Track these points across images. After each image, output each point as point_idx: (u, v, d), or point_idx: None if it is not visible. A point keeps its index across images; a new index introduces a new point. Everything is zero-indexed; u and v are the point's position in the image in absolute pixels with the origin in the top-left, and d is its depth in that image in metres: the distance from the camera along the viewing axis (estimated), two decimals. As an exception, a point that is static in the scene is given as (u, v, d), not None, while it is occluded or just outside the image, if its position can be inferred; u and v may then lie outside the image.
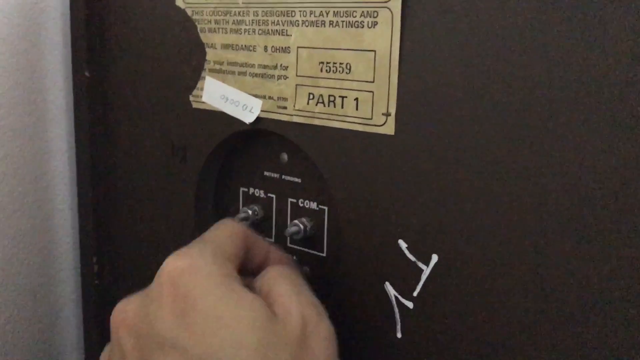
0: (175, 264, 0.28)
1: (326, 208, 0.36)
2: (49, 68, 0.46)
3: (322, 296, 0.36)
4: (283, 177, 0.37)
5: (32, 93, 0.44)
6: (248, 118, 0.36)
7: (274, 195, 0.38)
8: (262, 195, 0.39)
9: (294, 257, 0.38)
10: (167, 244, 0.42)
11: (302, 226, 0.36)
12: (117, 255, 0.46)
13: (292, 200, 0.37)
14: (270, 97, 0.35)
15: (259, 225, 0.39)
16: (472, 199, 0.28)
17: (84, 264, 0.47)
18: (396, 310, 0.32)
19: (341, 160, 0.33)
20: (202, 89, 0.38)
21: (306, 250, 0.37)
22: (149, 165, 0.42)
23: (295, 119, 0.34)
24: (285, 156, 0.37)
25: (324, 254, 0.36)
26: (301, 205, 0.37)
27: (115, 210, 0.46)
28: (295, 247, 0.38)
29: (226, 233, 0.31)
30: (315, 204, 0.36)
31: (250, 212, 0.38)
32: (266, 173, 0.38)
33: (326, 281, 0.36)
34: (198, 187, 0.40)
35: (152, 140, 0.42)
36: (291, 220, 0.37)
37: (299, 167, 0.37)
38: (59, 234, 0.48)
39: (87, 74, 0.44)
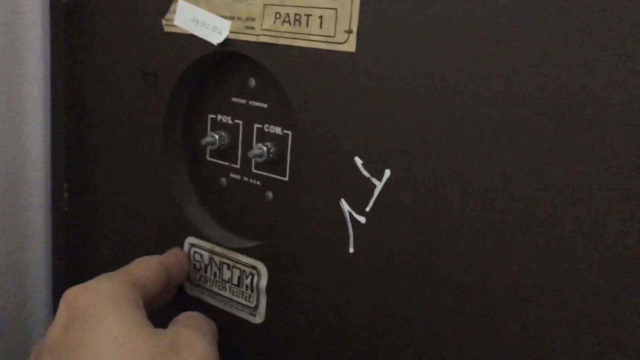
0: (74, 291, 0.31)
1: (290, 132, 0.36)
2: (27, -7, 0.46)
3: (283, 219, 0.37)
4: (250, 103, 0.38)
5: (9, 18, 0.45)
6: (217, 39, 0.36)
7: (240, 122, 0.39)
8: (230, 121, 0.39)
9: (259, 183, 0.38)
10: (137, 169, 0.43)
11: (265, 149, 0.36)
12: (87, 182, 0.47)
13: (258, 125, 0.38)
14: (239, 18, 0.35)
15: (225, 152, 0.40)
16: (426, 116, 0.29)
17: (55, 191, 0.48)
18: (349, 225, 0.32)
19: (305, 80, 0.33)
20: (174, 12, 0.38)
21: (269, 175, 0.38)
22: (120, 91, 0.43)
23: (262, 39, 0.34)
24: (252, 81, 0.38)
25: (286, 178, 0.37)
26: (266, 130, 0.37)
27: (87, 136, 0.46)
28: (259, 172, 0.38)
29: (143, 265, 0.35)
30: (279, 128, 0.37)
31: (217, 136, 0.39)
32: (234, 99, 0.39)
33: (288, 204, 0.37)
34: (167, 113, 0.40)
35: (124, 65, 0.42)
36: (256, 143, 0.38)
37: (266, 92, 0.37)
38: (31, 159, 0.48)
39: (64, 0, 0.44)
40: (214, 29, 0.36)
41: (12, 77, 0.46)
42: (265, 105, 0.37)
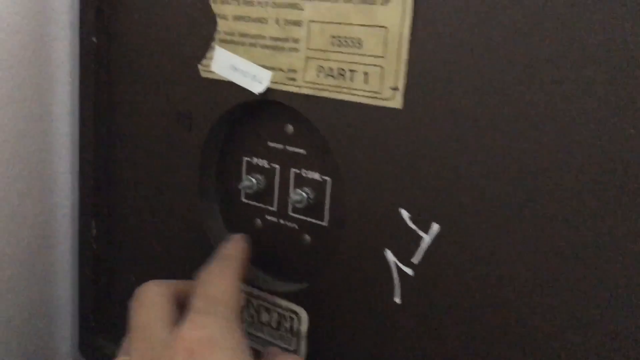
0: (192, 335, 0.29)
1: (329, 179, 0.37)
2: (56, 32, 0.46)
3: (322, 263, 0.38)
4: (287, 147, 0.39)
5: (39, 57, 0.45)
6: (257, 88, 0.37)
7: (277, 166, 0.39)
8: (266, 165, 0.40)
9: (296, 226, 0.39)
10: (169, 210, 0.43)
11: (305, 195, 0.37)
12: (116, 222, 0.47)
13: (296, 170, 0.38)
14: (279, 69, 0.36)
15: (261, 194, 0.40)
16: (475, 171, 0.30)
17: (82, 227, 0.48)
18: (395, 275, 0.33)
19: (347, 132, 0.34)
20: (211, 59, 0.39)
21: (307, 219, 0.38)
22: (153, 132, 0.43)
23: (304, 91, 0.35)
24: (290, 127, 0.38)
25: (325, 223, 0.38)
26: (304, 175, 0.38)
27: (116, 174, 0.46)
28: (296, 215, 0.39)
29: (228, 284, 0.33)
30: (318, 174, 0.37)
31: (254, 180, 0.40)
32: (270, 143, 0.39)
33: (326, 249, 0.38)
34: (202, 156, 0.41)
35: (158, 107, 0.43)
36: (293, 188, 0.39)
37: (303, 138, 0.38)
38: (59, 196, 0.48)
39: (94, 39, 0.44)
40: (253, 78, 0.37)
41: (41, 115, 0.46)
42: (303, 152, 0.38)
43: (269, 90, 0.37)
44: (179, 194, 0.43)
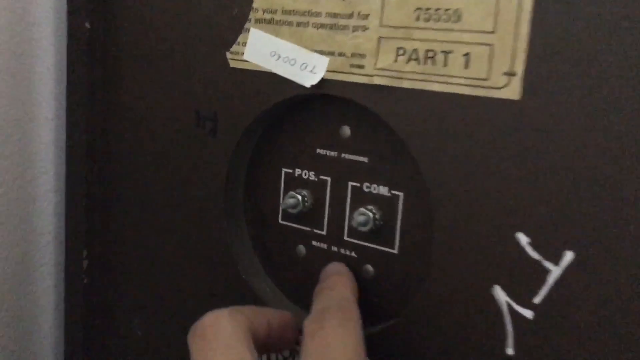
0: None
1: (401, 194, 0.29)
2: (37, 14, 0.37)
3: (391, 302, 0.30)
4: (343, 155, 0.31)
5: (14, 46, 0.36)
6: (309, 80, 0.29)
7: (328, 178, 0.31)
8: (313, 177, 0.32)
9: (354, 254, 0.31)
10: (184, 233, 0.35)
11: (370, 215, 0.29)
12: (113, 250, 0.38)
13: (354, 184, 0.30)
14: (340, 54, 0.28)
15: (305, 215, 0.32)
16: (621, 185, 0.23)
17: (70, 258, 0.39)
18: (508, 319, 0.25)
19: (438, 132, 0.26)
20: (244, 44, 0.31)
21: (370, 245, 0.30)
22: (165, 140, 0.35)
23: (376, 81, 0.27)
24: (347, 130, 0.30)
25: (395, 251, 0.30)
26: (366, 190, 0.30)
27: (116, 195, 0.37)
28: (354, 240, 0.31)
29: (353, 346, 0.24)
30: (386, 189, 0.30)
31: (299, 197, 0.31)
32: (320, 151, 0.31)
33: (397, 283, 0.30)
34: (229, 168, 0.33)
35: (171, 108, 0.34)
36: (351, 209, 0.31)
37: (365, 143, 0.30)
38: (40, 221, 0.39)
39: (87, 25, 0.36)
40: (303, 67, 0.29)
41: (18, 119, 0.37)
42: (364, 160, 0.30)
43: (323, 82, 0.29)
44: (198, 216, 0.34)
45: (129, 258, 0.38)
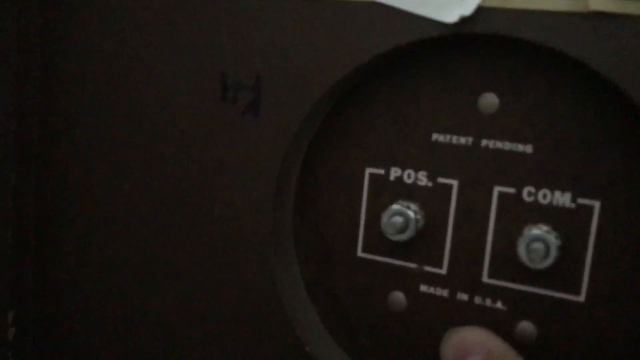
0: None
1: (596, 204, 0.17)
2: None
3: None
4: (484, 143, 0.19)
5: None
6: (453, 13, 0.17)
7: (454, 182, 0.19)
8: (424, 182, 0.19)
9: (501, 306, 0.19)
10: (200, 285, 0.21)
11: (553, 239, 0.17)
12: (61, 309, 0.24)
13: (505, 189, 0.18)
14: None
15: (411, 245, 0.20)
16: None
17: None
18: None
19: None
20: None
21: (535, 290, 0.18)
22: (161, 122, 0.21)
23: (595, 6, 0.15)
24: (492, 99, 0.18)
25: (581, 299, 0.18)
26: (529, 199, 0.18)
27: (69, 213, 0.23)
28: (506, 284, 0.19)
29: None
30: (568, 196, 0.18)
31: (411, 213, 0.19)
32: (438, 137, 0.19)
33: (584, 352, 0.18)
34: (281, 169, 0.20)
35: (176, 69, 0.21)
36: (497, 230, 0.19)
37: (526, 121, 0.18)
38: None
39: None
40: (438, -10, 0.17)
41: None
42: (528, 150, 0.18)
43: (481, 14, 0.17)
44: (224, 248, 0.21)
45: (80, 322, 0.23)
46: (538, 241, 0.17)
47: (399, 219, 0.19)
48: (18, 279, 0.23)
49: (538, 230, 0.17)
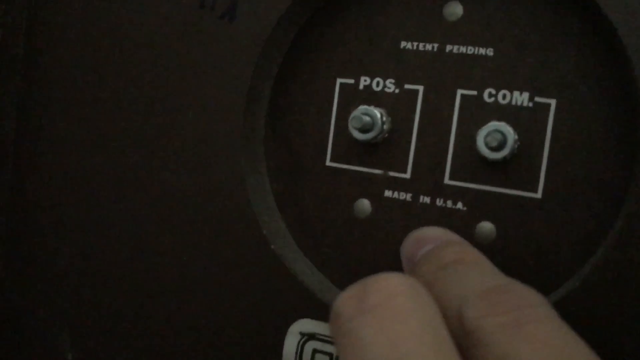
0: None
1: (553, 102, 0.18)
2: None
3: (529, 281, 0.18)
4: (448, 48, 0.19)
5: None
6: None
7: (419, 87, 0.20)
8: (392, 88, 0.20)
9: (462, 207, 0.19)
10: (166, 199, 0.22)
11: (511, 131, 0.18)
12: (33, 231, 0.24)
13: (468, 91, 0.19)
14: None
15: (376, 152, 0.20)
16: None
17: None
18: None
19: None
20: None
21: (494, 189, 0.19)
22: (139, 31, 0.22)
23: None
24: (456, 7, 0.19)
25: (538, 195, 0.19)
26: (489, 100, 0.19)
27: (49, 134, 0.24)
28: (466, 184, 0.19)
29: None
30: (526, 95, 0.19)
31: (378, 113, 0.20)
32: (406, 44, 0.20)
33: (540, 250, 0.18)
34: (254, 78, 0.20)
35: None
36: (459, 133, 0.19)
37: (487, 26, 0.19)
38: None
39: None
40: None
41: None
42: (489, 53, 0.19)
43: None
44: (193, 159, 0.21)
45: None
46: (496, 132, 0.18)
47: (365, 117, 0.19)
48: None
49: (497, 122, 0.18)
